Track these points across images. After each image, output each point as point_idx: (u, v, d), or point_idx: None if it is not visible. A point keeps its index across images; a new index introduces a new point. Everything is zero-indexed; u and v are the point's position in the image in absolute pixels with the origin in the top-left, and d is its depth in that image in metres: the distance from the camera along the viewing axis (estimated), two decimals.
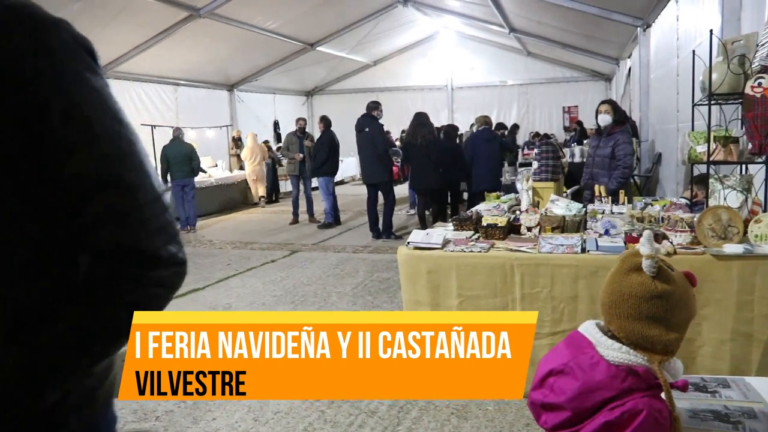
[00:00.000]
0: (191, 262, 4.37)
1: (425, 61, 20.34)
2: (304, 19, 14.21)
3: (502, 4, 12.34)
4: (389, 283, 6.83)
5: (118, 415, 3.02)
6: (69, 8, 9.91)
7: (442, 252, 3.96)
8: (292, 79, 18.87)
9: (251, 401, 3.96)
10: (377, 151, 9.19)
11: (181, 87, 15.34)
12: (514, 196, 5.72)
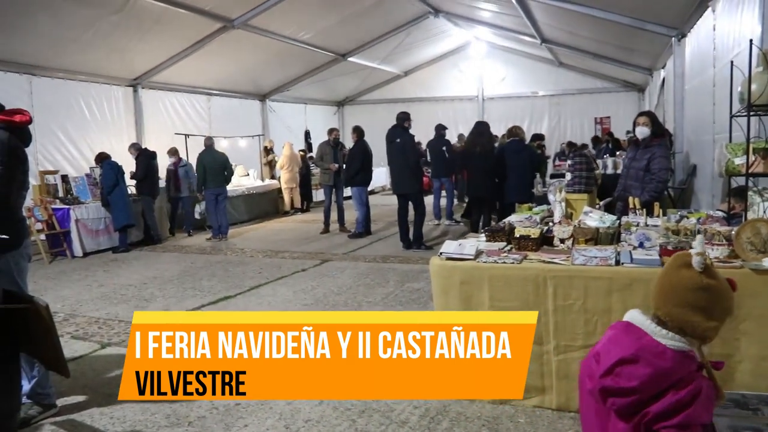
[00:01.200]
0: (223, 270, 4.49)
1: (456, 71, 20.37)
2: (336, 30, 14.35)
3: (535, 15, 12.31)
4: (420, 293, 6.83)
5: (150, 419, 3.02)
6: (106, 20, 10.18)
7: (475, 263, 3.95)
8: (324, 89, 19.02)
9: (283, 408, 3.98)
10: (408, 162, 9.22)
11: (214, 97, 15.59)
12: (546, 208, 5.69)
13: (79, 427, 3.85)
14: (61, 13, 9.51)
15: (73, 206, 10.18)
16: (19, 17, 9.24)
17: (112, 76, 12.62)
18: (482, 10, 14.16)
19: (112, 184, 10.25)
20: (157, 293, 7.39)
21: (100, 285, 7.99)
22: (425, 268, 8.08)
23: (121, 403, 4.14)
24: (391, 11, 14.39)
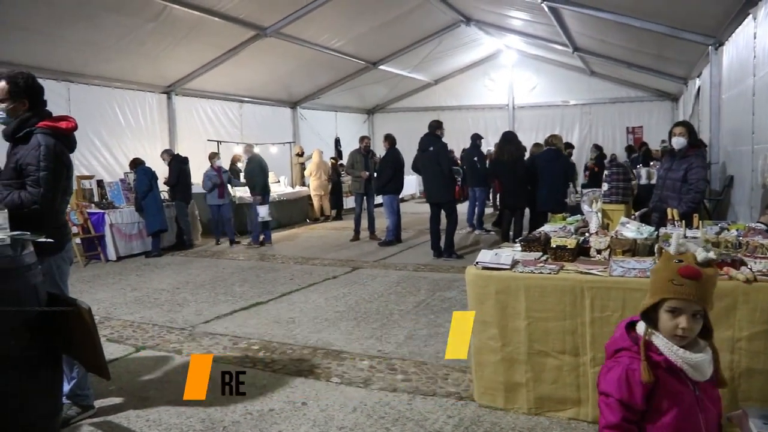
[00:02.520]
0: (254, 276, 4.54)
1: (487, 80, 20.34)
2: (367, 38, 14.41)
3: (567, 24, 12.24)
4: (451, 302, 6.80)
5: (186, 423, 3.05)
6: (143, 29, 10.35)
7: (511, 273, 3.93)
8: (354, 97, 19.12)
9: (317, 415, 3.99)
10: (441, 171, 9.21)
11: (246, 104, 15.75)
12: (580, 218, 5.63)
13: (116, 429, 3.89)
14: (100, 21, 9.69)
15: (107, 211, 10.34)
16: (61, 26, 9.44)
17: (147, 83, 12.82)
18: (513, 18, 14.11)
19: (146, 190, 10.39)
20: (189, 298, 7.46)
21: (134, 289, 8.09)
22: (457, 277, 8.10)
23: (156, 406, 4.19)
24: (422, 20, 14.42)
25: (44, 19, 9.12)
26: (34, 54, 9.73)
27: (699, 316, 2.01)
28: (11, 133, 3.66)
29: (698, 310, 2.00)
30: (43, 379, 2.92)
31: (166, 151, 11.72)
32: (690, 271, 1.99)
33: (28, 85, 3.71)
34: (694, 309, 1.99)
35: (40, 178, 3.53)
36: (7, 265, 2.77)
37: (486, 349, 4.01)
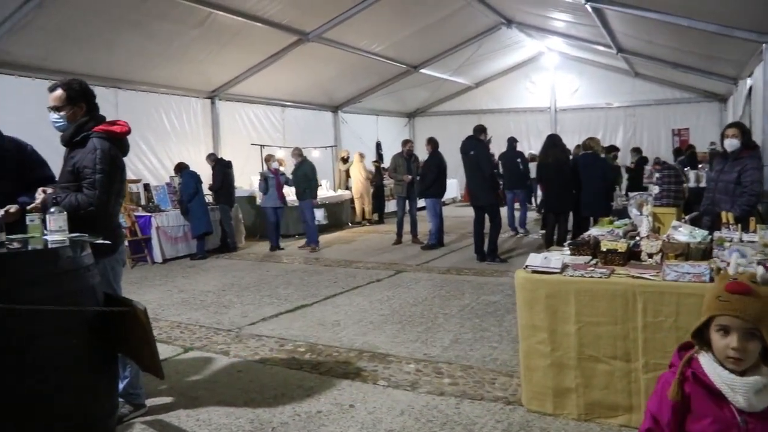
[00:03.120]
0: (298, 279, 4.58)
1: (528, 82, 20.15)
2: (408, 42, 14.40)
3: (611, 24, 12.05)
4: (496, 306, 6.75)
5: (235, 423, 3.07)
6: (188, 35, 10.51)
7: (561, 276, 3.88)
8: (395, 100, 19.12)
9: (365, 418, 3.99)
10: (484, 174, 9.17)
11: (288, 108, 15.87)
12: (628, 221, 5.54)
13: (167, 428, 3.95)
14: (148, 29, 9.87)
15: (154, 214, 10.54)
16: (110, 34, 9.64)
17: (192, 89, 13.01)
18: (555, 20, 13.96)
19: (192, 193, 10.55)
20: (235, 300, 7.55)
21: (180, 290, 8.22)
22: (501, 281, 8.05)
23: (206, 406, 4.24)
24: (463, 23, 14.35)
25: (94, 27, 9.33)
26: (85, 62, 9.95)
27: (755, 337, 1.85)
28: (69, 137, 3.75)
29: (751, 329, 1.85)
30: (102, 377, 2.98)
31: (210, 155, 11.89)
32: (737, 287, 1.90)
33: (83, 90, 3.81)
34: (745, 327, 1.85)
35: (96, 180, 3.61)
36: (68, 266, 2.84)
37: (535, 354, 3.97)
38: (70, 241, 3.02)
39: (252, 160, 13.78)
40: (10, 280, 2.66)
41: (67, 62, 9.84)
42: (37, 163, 4.01)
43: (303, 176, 11.44)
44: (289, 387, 4.57)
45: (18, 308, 2.56)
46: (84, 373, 2.84)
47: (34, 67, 9.74)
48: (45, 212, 3.31)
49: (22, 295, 2.62)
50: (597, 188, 8.99)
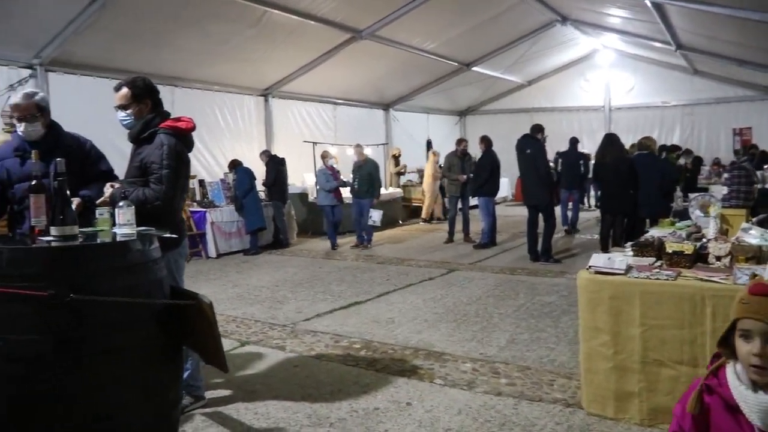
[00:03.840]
0: (351, 276, 4.58)
1: (582, 80, 19.82)
2: (461, 40, 14.32)
3: (671, 20, 11.74)
4: (552, 307, 6.66)
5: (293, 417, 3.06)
6: (243, 34, 10.64)
7: (626, 278, 3.80)
8: (446, 99, 19.04)
9: (422, 416, 3.97)
10: (539, 173, 9.05)
11: (340, 106, 15.93)
12: (690, 223, 5.40)
13: (227, 420, 4.00)
14: (204, 28, 10.02)
15: (209, 209, 10.71)
16: (168, 33, 9.84)
17: (245, 86, 13.17)
18: (612, 16, 13.67)
19: (247, 189, 10.69)
20: (289, 295, 7.62)
21: (235, 285, 8.33)
22: (555, 282, 7.93)
23: (263, 400, 4.28)
24: (517, 20, 14.20)
25: (153, 27, 9.52)
26: (143, 60, 10.15)
27: None
28: (136, 134, 3.83)
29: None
30: (169, 369, 3.02)
31: (264, 152, 12.02)
32: (759, 288, 1.78)
33: (147, 87, 3.89)
34: (765, 331, 1.73)
35: (162, 175, 3.68)
36: (138, 259, 2.88)
37: (597, 356, 3.89)
38: (139, 234, 3.07)
39: (304, 158, 13.87)
40: (84, 272, 2.71)
41: (126, 61, 10.07)
42: (97, 157, 4.12)
43: (368, 175, 11.28)
44: (345, 383, 4.58)
45: (91, 299, 2.61)
46: (152, 365, 2.88)
47: (95, 67, 10.00)
48: (113, 206, 3.38)
49: (95, 287, 2.67)
50: (655, 189, 8.78)
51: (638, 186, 8.80)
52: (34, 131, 3.88)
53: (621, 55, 18.60)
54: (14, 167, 3.91)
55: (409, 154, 18.18)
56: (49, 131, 3.93)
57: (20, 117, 3.86)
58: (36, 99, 3.89)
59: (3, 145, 4.26)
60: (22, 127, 3.86)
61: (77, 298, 2.59)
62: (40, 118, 3.89)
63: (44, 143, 3.81)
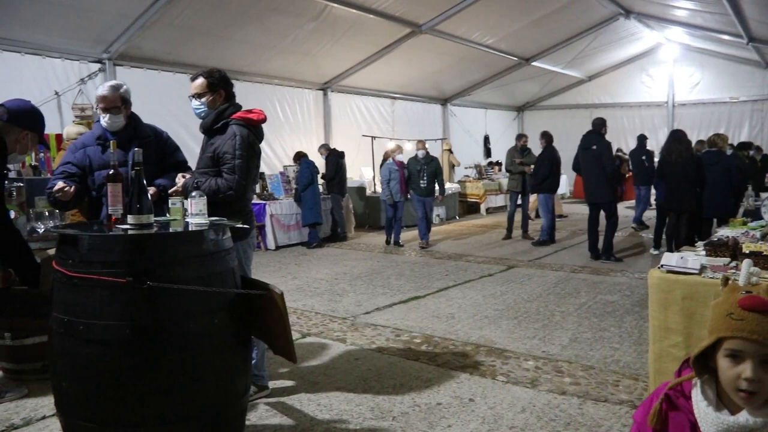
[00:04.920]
0: (409, 270, 4.56)
1: (644, 75, 19.33)
2: (521, 34, 14.15)
3: (744, 11, 11.31)
4: (614, 306, 6.52)
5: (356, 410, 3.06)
6: (304, 28, 10.72)
7: (700, 278, 3.67)
8: (504, 94, 18.86)
9: (486, 413, 3.93)
10: (604, 170, 8.86)
11: (397, 101, 15.93)
12: (765, 223, 5.21)
13: (290, 411, 4.03)
14: (267, 23, 10.16)
15: (268, 202, 10.84)
16: (231, 28, 10.00)
17: (305, 80, 13.29)
18: (678, 8, 13.27)
19: (307, 182, 10.76)
20: (348, 288, 7.65)
21: (294, 277, 8.42)
22: (617, 281, 7.77)
23: (326, 392, 4.31)
24: (579, 14, 13.93)
25: (216, 22, 9.69)
26: (205, 54, 10.34)
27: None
28: (210, 124, 3.90)
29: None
30: (239, 358, 3.07)
31: (323, 145, 12.10)
32: (754, 302, 1.54)
33: (222, 78, 3.95)
34: (762, 353, 1.51)
35: (235, 165, 3.73)
36: (212, 249, 2.93)
37: (668, 357, 3.77)
38: (212, 224, 3.12)
39: (362, 152, 13.92)
40: (160, 260, 2.77)
41: (189, 55, 10.30)
42: (172, 148, 4.23)
43: (434, 173, 10.87)
44: (407, 377, 4.57)
45: (167, 287, 2.67)
46: (224, 353, 2.93)
47: (160, 60, 10.27)
48: (186, 196, 3.44)
49: (171, 275, 2.72)
50: (722, 188, 8.52)
51: (704, 184, 8.55)
52: (116, 122, 4.00)
53: (686, 49, 18.06)
54: (96, 155, 4.04)
55: (467, 150, 18.09)
56: (129, 122, 4.05)
57: (104, 108, 3.98)
58: (121, 92, 4.02)
59: (87, 133, 4.42)
60: (106, 117, 3.99)
61: (154, 285, 2.65)
62: (123, 109, 4.02)
63: (124, 133, 3.94)
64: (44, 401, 4.16)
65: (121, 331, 2.70)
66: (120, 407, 2.74)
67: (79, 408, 2.83)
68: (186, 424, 2.83)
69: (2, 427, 3.84)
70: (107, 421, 2.76)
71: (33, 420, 3.92)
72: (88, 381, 2.77)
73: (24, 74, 8.60)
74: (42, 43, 8.76)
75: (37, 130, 3.41)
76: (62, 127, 8.38)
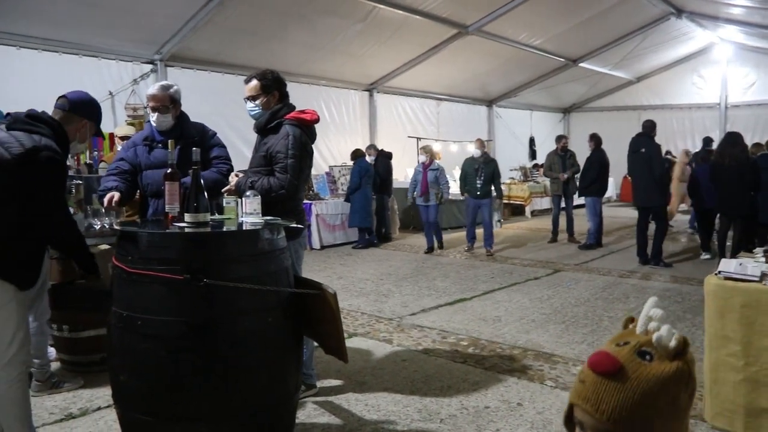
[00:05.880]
0: (455, 272, 4.52)
1: (695, 76, 18.84)
2: (569, 35, 13.96)
3: None
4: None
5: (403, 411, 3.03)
6: (351, 30, 10.77)
7: (761, 285, 3.57)
8: (550, 95, 18.65)
9: (534, 417, 3.89)
10: (653, 174, 8.69)
11: (443, 102, 15.88)
12: None
13: (338, 410, 4.05)
14: (315, 24, 10.24)
15: (314, 202, 10.91)
16: (280, 29, 10.10)
17: (351, 81, 13.35)
18: (733, 6, 12.90)
19: (356, 185, 10.69)
20: (393, 289, 7.66)
21: (339, 277, 8.46)
22: (667, 287, 7.60)
23: (373, 392, 4.32)
24: (629, 14, 13.67)
25: (266, 23, 9.80)
26: (253, 55, 10.45)
27: None
28: (263, 124, 3.94)
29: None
30: (291, 357, 3.10)
31: (371, 146, 12.11)
32: (599, 363, 1.17)
33: (276, 79, 4.00)
34: (598, 429, 1.15)
35: (288, 165, 3.77)
36: (267, 248, 2.96)
37: (725, 367, 3.68)
38: (267, 223, 3.16)
39: (407, 153, 13.92)
40: (217, 258, 2.82)
41: (238, 56, 10.44)
42: (212, 144, 4.26)
43: (491, 174, 10.14)
44: (454, 379, 4.55)
45: (223, 284, 2.71)
46: (277, 351, 2.96)
47: (209, 61, 10.43)
48: (240, 195, 3.49)
49: (228, 272, 2.76)
50: None
51: (759, 188, 8.32)
52: (165, 121, 4.09)
53: (741, 49, 17.53)
54: (143, 155, 4.13)
55: (511, 152, 17.95)
56: (177, 122, 4.12)
57: (154, 107, 4.07)
58: (170, 92, 4.10)
59: (138, 133, 4.53)
60: (155, 116, 4.07)
61: (210, 282, 2.69)
62: (172, 109, 4.09)
63: (172, 133, 4.01)
64: (99, 393, 4.27)
65: (178, 327, 2.75)
66: (175, 402, 2.79)
67: (135, 401, 2.90)
68: (238, 421, 2.87)
69: (61, 416, 3.95)
70: (162, 415, 2.82)
71: (89, 410, 4.03)
72: (145, 375, 2.83)
73: (82, 75, 8.82)
74: (98, 46, 9.00)
75: (95, 120, 3.49)
76: (115, 126, 8.61)
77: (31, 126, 3.13)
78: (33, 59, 8.28)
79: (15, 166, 2.97)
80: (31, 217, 3.07)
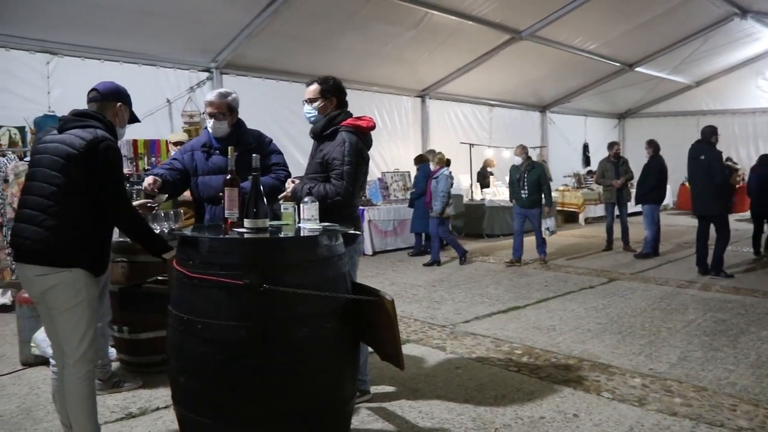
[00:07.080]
0: (507, 280, 4.47)
1: (760, 79, 18.21)
2: (625, 39, 13.70)
3: None
4: (727, 325, 6.19)
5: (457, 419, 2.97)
6: (404, 36, 10.81)
7: None
8: (605, 101, 18.31)
9: (590, 430, 3.82)
10: (714, 181, 8.45)
11: (495, 108, 15.78)
12: None
13: (391, 416, 4.05)
14: (369, 31, 10.30)
15: (367, 208, 10.97)
16: (333, 36, 10.20)
17: (404, 87, 13.37)
18: None
19: (421, 190, 10.44)
20: (446, 296, 7.64)
21: (392, 283, 8.48)
22: (728, 298, 7.38)
23: (427, 399, 4.31)
24: (688, 16, 13.32)
25: (319, 30, 9.90)
26: (307, 62, 10.57)
27: None
28: (320, 130, 3.99)
29: None
30: (348, 363, 3.12)
31: (430, 151, 12.08)
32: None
33: (335, 85, 4.05)
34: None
35: (344, 172, 3.80)
36: (325, 254, 2.99)
37: None
38: (326, 230, 3.19)
39: (460, 159, 13.87)
40: (277, 264, 2.86)
41: (293, 63, 10.57)
42: (268, 151, 4.32)
43: (536, 181, 9.68)
44: (508, 389, 4.51)
45: (283, 290, 2.74)
46: (334, 357, 2.99)
47: (264, 69, 10.61)
48: (297, 201, 3.53)
49: (287, 278, 2.80)
50: None
51: None
52: (221, 128, 4.19)
53: None
54: (201, 160, 4.23)
55: (565, 158, 17.71)
56: (234, 129, 4.21)
57: (211, 113, 4.17)
58: (228, 99, 4.19)
59: (196, 138, 4.64)
60: (212, 123, 4.18)
61: (269, 288, 2.73)
62: (228, 116, 4.19)
63: (228, 140, 4.09)
64: (157, 393, 4.38)
65: (237, 332, 2.80)
66: (233, 405, 2.84)
67: (194, 402, 2.96)
68: (294, 425, 2.90)
69: (121, 414, 4.07)
70: (220, 417, 2.87)
71: (148, 410, 4.13)
72: (204, 378, 2.89)
73: (140, 83, 9.03)
74: (156, 54, 9.26)
75: (127, 102, 3.58)
76: (172, 131, 8.84)
77: (83, 122, 3.27)
78: (96, 69, 8.54)
79: (82, 159, 3.10)
80: (101, 205, 3.19)
